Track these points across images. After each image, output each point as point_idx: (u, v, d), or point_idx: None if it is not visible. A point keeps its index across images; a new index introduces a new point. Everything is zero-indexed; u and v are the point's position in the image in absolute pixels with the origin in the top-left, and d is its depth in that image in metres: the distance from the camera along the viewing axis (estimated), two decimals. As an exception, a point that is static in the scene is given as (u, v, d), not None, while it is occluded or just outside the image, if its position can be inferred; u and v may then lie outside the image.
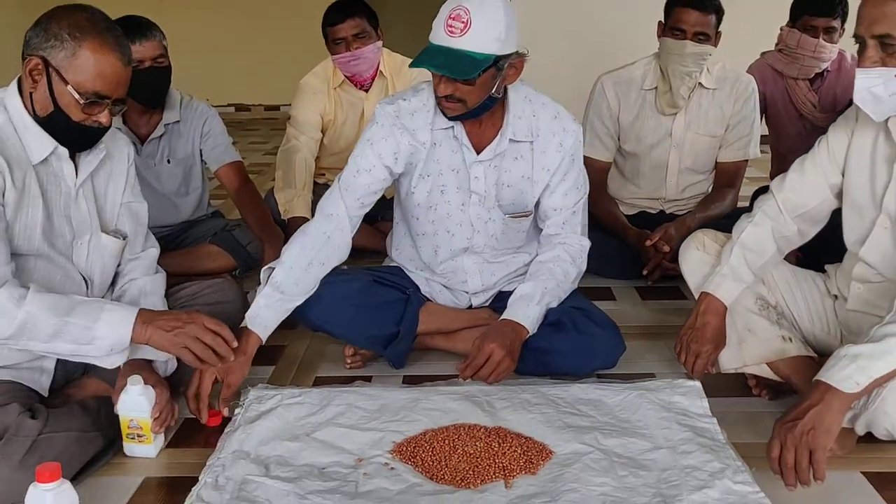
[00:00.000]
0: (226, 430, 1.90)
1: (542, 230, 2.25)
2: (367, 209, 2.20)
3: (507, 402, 1.98)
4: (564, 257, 2.18)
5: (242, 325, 2.03)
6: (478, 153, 2.12)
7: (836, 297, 2.02)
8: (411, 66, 1.99)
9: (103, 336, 1.72)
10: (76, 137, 1.80)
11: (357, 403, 1.99)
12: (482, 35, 1.90)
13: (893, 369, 1.58)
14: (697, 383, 2.03)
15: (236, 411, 1.97)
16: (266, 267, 2.12)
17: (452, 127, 2.11)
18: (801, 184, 1.98)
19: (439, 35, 1.92)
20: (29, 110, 1.77)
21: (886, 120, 1.80)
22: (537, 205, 2.22)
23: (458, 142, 2.12)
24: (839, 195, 1.96)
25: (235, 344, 1.84)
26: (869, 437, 1.75)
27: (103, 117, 1.77)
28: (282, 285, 2.05)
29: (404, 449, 1.78)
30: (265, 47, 7.55)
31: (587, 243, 2.25)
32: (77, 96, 1.72)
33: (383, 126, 2.11)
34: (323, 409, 1.96)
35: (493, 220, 2.21)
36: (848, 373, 1.58)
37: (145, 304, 1.95)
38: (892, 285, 1.83)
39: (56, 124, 1.76)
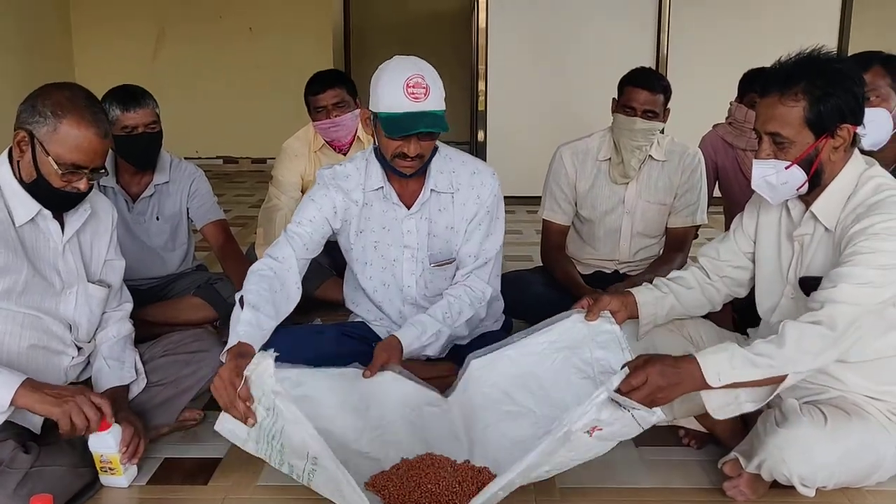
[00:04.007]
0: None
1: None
2: (311, 256, 2.31)
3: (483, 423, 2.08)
4: (465, 299, 2.37)
5: (228, 347, 1.92)
6: (408, 209, 2.35)
7: (753, 357, 2.20)
8: (397, 135, 2.14)
9: None
10: (58, 201, 1.99)
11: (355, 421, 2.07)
12: (438, 95, 2.17)
13: (751, 380, 1.77)
14: (616, 329, 2.07)
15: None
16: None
17: (382, 187, 2.33)
18: (718, 251, 2.20)
19: (405, 104, 2.13)
20: (17, 177, 1.95)
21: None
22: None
23: (389, 201, 2.35)
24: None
25: (112, 420, 1.91)
26: (778, 483, 1.90)
27: (81, 184, 1.96)
28: (254, 302, 2.03)
29: (377, 482, 1.96)
30: (253, 103, 7.68)
31: (489, 291, 2.42)
32: (56, 167, 1.91)
33: (323, 185, 2.36)
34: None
35: (424, 272, 2.42)
36: (719, 368, 1.76)
37: (112, 346, 2.11)
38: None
39: (39, 189, 1.95)
